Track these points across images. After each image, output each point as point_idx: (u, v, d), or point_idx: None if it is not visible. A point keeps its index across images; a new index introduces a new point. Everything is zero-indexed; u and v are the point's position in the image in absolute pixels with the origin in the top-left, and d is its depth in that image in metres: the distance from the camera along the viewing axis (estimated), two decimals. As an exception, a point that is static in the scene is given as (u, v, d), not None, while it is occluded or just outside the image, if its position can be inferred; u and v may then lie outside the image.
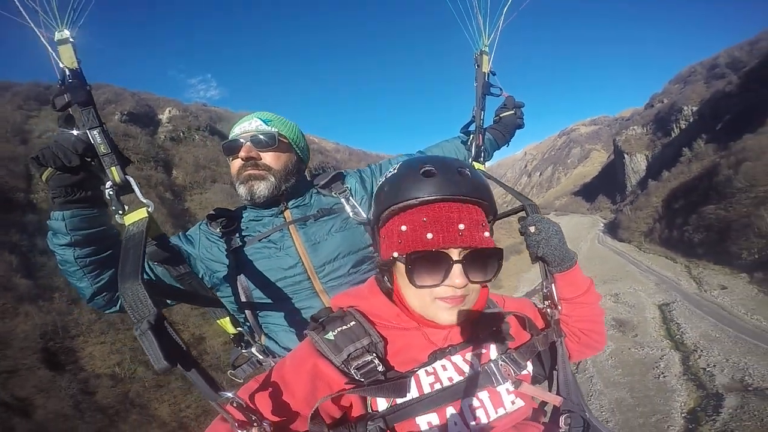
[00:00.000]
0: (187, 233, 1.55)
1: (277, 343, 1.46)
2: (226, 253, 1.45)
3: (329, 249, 1.44)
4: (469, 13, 1.76)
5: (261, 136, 1.43)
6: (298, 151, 1.56)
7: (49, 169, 1.04)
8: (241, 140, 1.44)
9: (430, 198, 0.84)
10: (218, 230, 1.48)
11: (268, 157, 1.45)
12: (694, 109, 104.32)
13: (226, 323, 1.39)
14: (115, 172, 1.07)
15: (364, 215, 1.50)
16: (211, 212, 1.54)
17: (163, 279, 1.37)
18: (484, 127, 1.84)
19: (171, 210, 59.75)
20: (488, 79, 1.84)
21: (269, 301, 1.44)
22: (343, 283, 1.44)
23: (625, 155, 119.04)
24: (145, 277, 0.92)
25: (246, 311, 1.45)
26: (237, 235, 1.47)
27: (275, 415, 0.83)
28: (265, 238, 1.45)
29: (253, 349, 1.45)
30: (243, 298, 1.44)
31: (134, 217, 1.05)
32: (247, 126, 1.48)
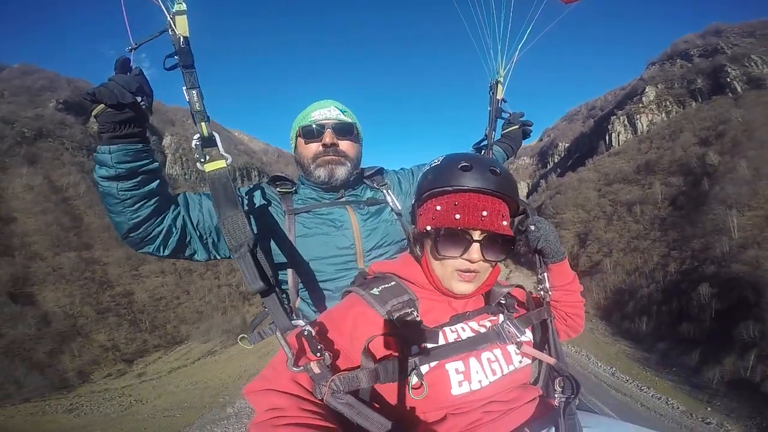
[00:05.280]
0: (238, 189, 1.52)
1: (311, 308, 1.51)
2: (283, 212, 1.52)
3: (379, 236, 1.57)
4: (488, 48, 2.09)
5: (342, 125, 1.56)
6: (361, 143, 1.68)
7: (101, 105, 1.08)
8: (324, 126, 1.54)
9: (462, 187, 1.02)
10: (278, 190, 1.58)
11: (345, 145, 1.56)
12: (566, 145, 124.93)
13: None
14: (204, 127, 1.20)
15: (400, 208, 1.66)
16: (275, 174, 1.65)
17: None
18: (494, 141, 2.18)
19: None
20: (500, 105, 2.21)
21: (315, 270, 1.50)
22: None
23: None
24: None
25: (288, 270, 1.49)
26: (295, 199, 1.58)
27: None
28: (325, 207, 1.55)
29: None
30: (289, 260, 1.49)
31: (214, 166, 1.17)
32: (327, 113, 1.57)
